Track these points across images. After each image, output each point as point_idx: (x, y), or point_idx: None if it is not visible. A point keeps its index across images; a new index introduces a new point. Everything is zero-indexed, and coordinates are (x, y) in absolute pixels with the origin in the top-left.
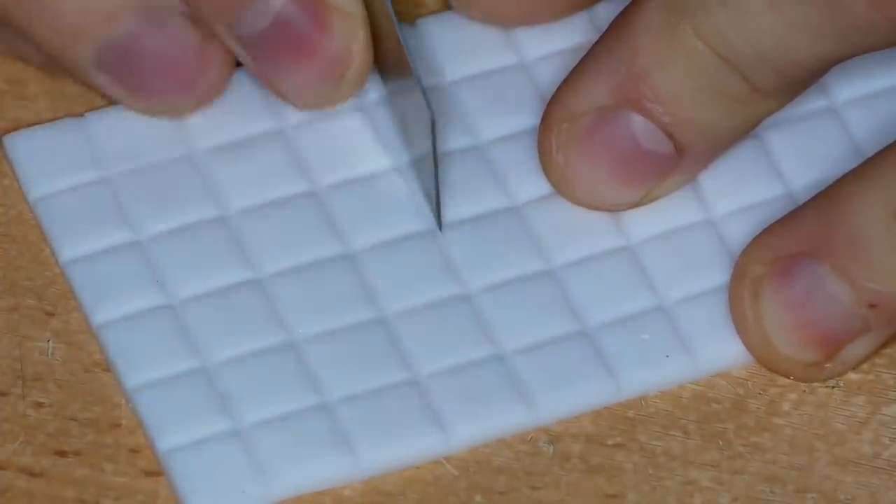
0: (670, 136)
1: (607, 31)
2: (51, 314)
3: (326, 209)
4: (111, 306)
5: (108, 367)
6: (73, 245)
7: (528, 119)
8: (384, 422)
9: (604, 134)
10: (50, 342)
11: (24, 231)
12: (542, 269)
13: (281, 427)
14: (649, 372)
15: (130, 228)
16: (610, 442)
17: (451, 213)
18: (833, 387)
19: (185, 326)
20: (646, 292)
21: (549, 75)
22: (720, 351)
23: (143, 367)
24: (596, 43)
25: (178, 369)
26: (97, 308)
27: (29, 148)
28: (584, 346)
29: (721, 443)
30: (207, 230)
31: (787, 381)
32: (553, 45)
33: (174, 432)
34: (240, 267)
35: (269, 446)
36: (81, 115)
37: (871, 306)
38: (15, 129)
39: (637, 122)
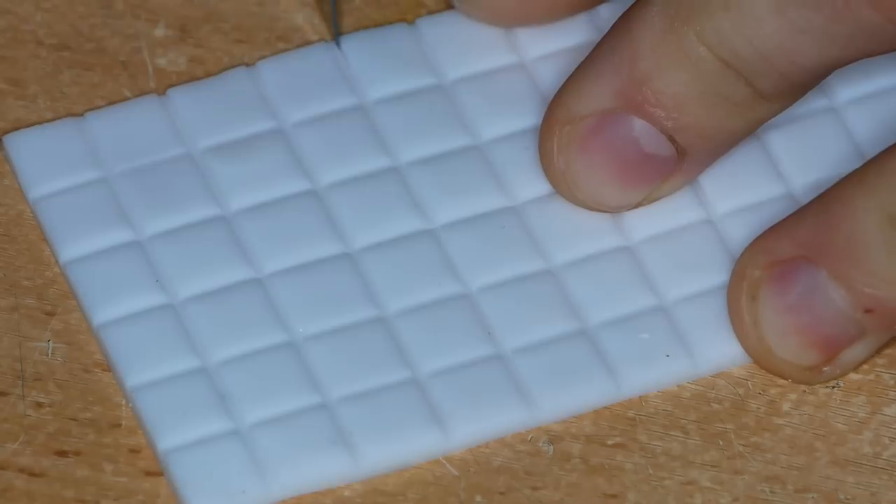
0: (672, 139)
1: (609, 33)
2: (51, 314)
3: (326, 208)
4: (111, 306)
5: (108, 367)
6: (73, 245)
7: (528, 119)
8: (384, 421)
9: (605, 137)
10: (50, 342)
11: (24, 231)
12: (542, 268)
13: (281, 427)
14: (649, 372)
15: (130, 228)
16: (610, 442)
17: (451, 212)
18: (833, 387)
19: (185, 326)
20: (645, 292)
21: (550, 75)
22: (720, 351)
23: (143, 366)
24: (597, 45)
25: (178, 369)
26: (97, 308)
27: (29, 148)
28: (584, 345)
29: (721, 443)
30: (207, 230)
31: (787, 381)
32: (553, 45)
33: (174, 432)
34: (240, 266)
35: (269, 446)
36: (81, 115)
37: (868, 311)
38: (15, 129)
39: (639, 125)
